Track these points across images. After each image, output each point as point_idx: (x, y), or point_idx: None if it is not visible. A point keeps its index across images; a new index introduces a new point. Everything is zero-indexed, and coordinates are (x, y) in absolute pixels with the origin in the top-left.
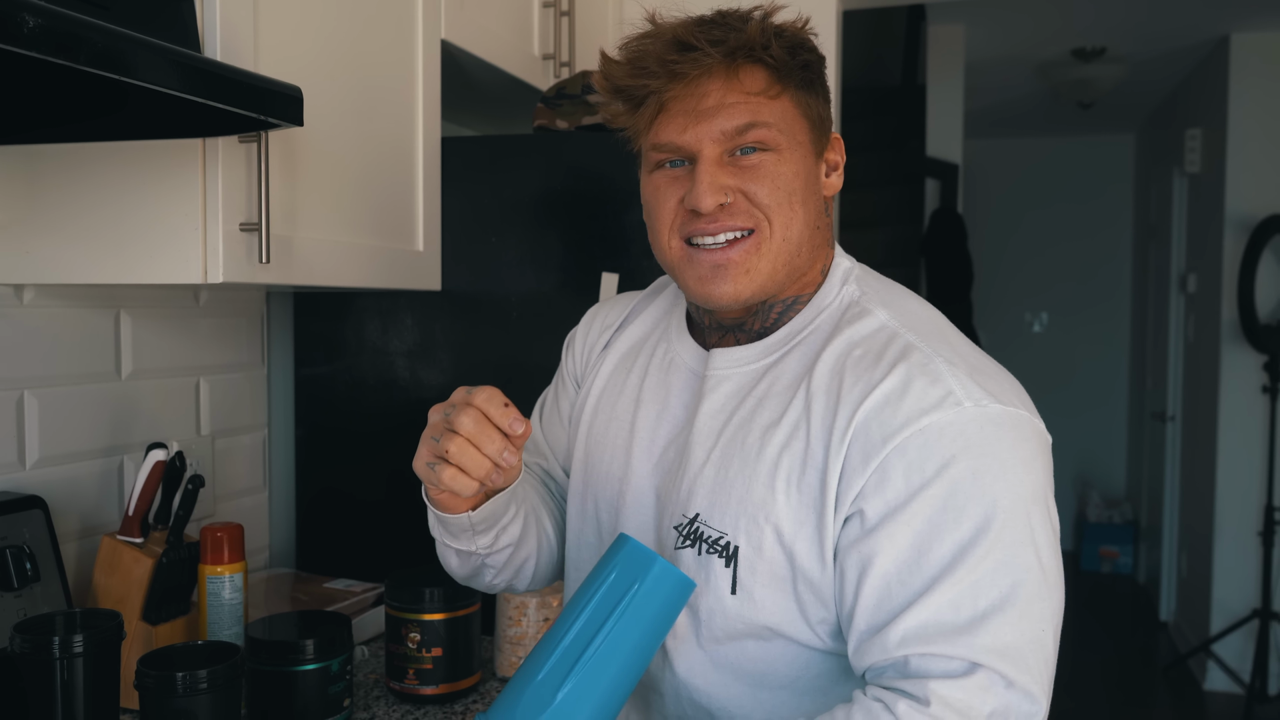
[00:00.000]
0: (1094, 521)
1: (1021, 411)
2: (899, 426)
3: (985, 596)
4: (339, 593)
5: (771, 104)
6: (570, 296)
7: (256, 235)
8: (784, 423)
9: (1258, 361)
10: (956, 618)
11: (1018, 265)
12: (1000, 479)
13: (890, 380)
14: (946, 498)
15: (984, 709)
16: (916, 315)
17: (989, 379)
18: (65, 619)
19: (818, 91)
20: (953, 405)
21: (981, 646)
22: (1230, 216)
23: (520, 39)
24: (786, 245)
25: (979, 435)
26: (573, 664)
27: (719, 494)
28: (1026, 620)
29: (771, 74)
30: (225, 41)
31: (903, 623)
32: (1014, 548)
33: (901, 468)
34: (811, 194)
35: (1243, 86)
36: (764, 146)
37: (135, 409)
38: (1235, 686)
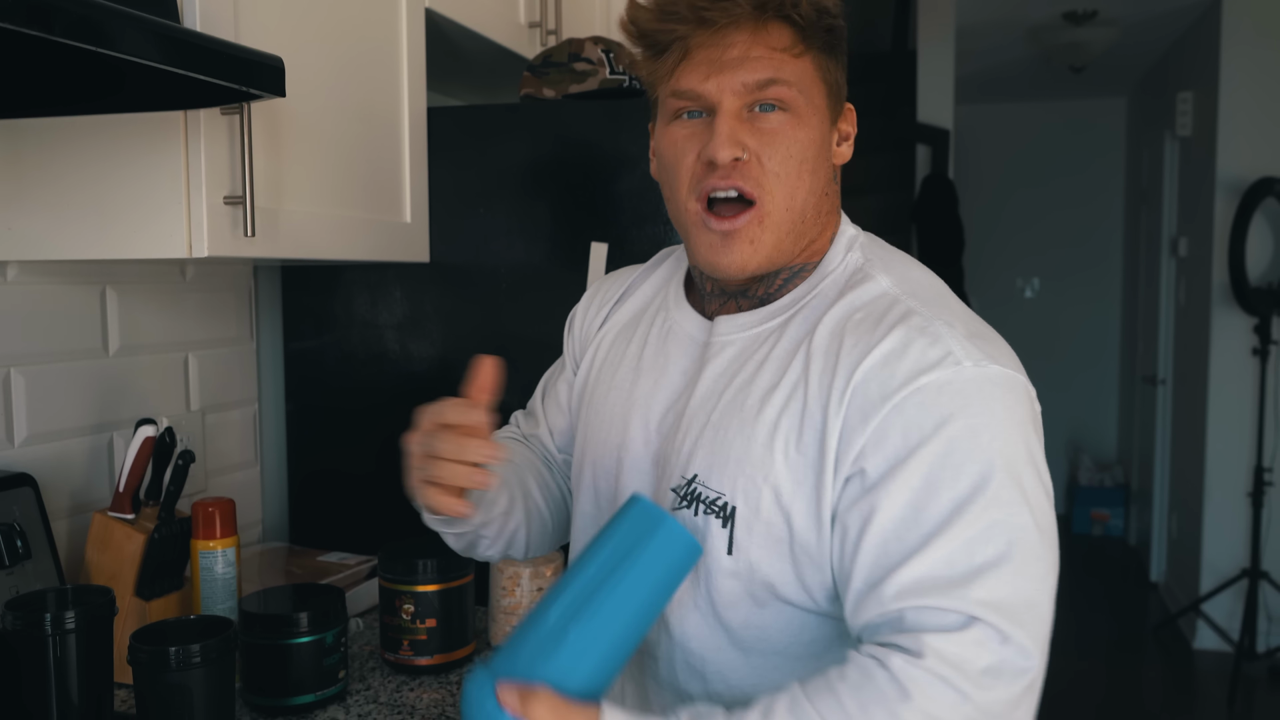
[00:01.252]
0: (1085, 485)
1: (1018, 375)
2: (898, 385)
3: (981, 552)
4: (333, 565)
5: (795, 62)
6: (559, 266)
7: (241, 208)
8: (783, 385)
9: (1248, 324)
10: (951, 572)
11: (1009, 230)
12: (997, 438)
13: (889, 340)
14: (944, 455)
15: (979, 663)
16: (918, 282)
17: (987, 342)
18: (57, 595)
19: (838, 58)
20: (952, 364)
21: (977, 600)
22: (1221, 180)
23: (506, 7)
24: (790, 215)
25: (978, 394)
26: (576, 616)
27: (717, 455)
28: (1022, 578)
29: (797, 32)
30: (205, 11)
31: (898, 577)
32: (1010, 506)
33: (900, 425)
34: (822, 162)
35: (1234, 49)
36: (783, 106)
37: (124, 385)
38: (1224, 645)
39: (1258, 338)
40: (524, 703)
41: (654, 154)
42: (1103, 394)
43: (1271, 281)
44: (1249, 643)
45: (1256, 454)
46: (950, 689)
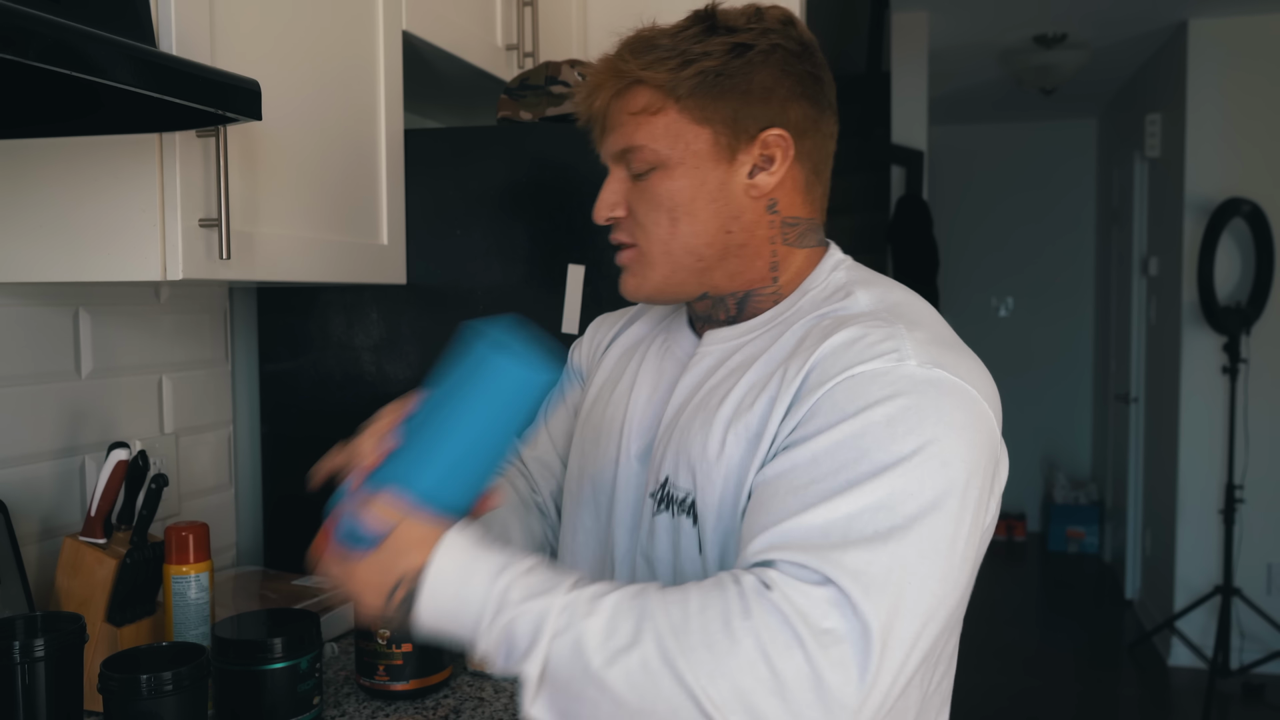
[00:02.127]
0: (1060, 502)
1: (967, 386)
2: (838, 371)
3: (859, 529)
4: (308, 590)
5: (653, 120)
6: (536, 288)
7: (216, 231)
8: (741, 384)
9: (1218, 343)
10: (825, 539)
11: (983, 250)
12: (914, 430)
13: (845, 333)
14: (856, 435)
15: (821, 622)
16: (898, 300)
17: (949, 352)
18: (26, 622)
19: (724, 89)
20: (894, 359)
21: (839, 563)
22: (1190, 200)
23: (483, 29)
24: (669, 256)
25: (911, 390)
26: (423, 423)
27: (681, 454)
28: (900, 568)
29: (655, 91)
30: (181, 35)
31: (772, 533)
32: (905, 497)
33: (827, 406)
34: (713, 201)
35: (1201, 72)
36: (649, 166)
37: (96, 408)
38: (1199, 662)
39: (1227, 356)
40: (373, 495)
41: None
42: (1076, 411)
43: (1240, 300)
44: (1223, 659)
45: (1228, 471)
46: (788, 628)
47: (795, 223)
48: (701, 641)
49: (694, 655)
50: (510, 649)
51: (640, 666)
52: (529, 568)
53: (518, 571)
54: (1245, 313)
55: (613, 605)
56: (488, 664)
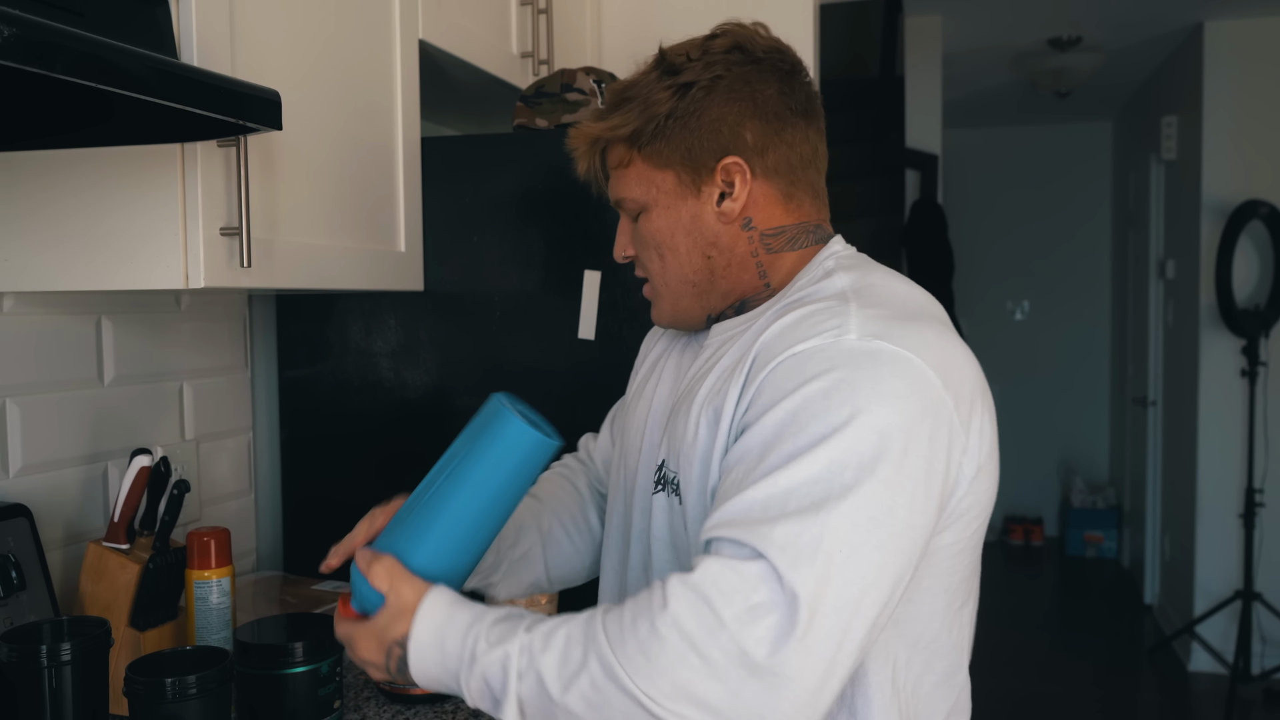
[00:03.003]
0: (1078, 507)
1: (910, 355)
2: (780, 350)
3: (795, 502)
4: (327, 594)
5: (625, 173)
6: (553, 295)
7: (237, 239)
8: (719, 367)
9: (1236, 346)
10: (764, 514)
11: (999, 254)
12: (847, 402)
13: (794, 314)
14: (795, 410)
15: (748, 598)
16: (876, 285)
17: (900, 325)
18: (52, 627)
19: (673, 131)
20: (832, 336)
21: (768, 537)
22: (1207, 202)
23: (498, 38)
24: (670, 288)
25: (846, 363)
26: (418, 499)
27: (672, 437)
28: (829, 533)
29: (622, 145)
30: (202, 46)
31: (719, 512)
32: (838, 468)
33: (770, 386)
34: (690, 233)
35: (1216, 74)
36: (637, 209)
37: (118, 415)
38: (1219, 667)
39: (1245, 359)
40: (369, 565)
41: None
42: (1094, 415)
43: (1258, 303)
44: (1244, 665)
45: (1247, 475)
46: (707, 609)
47: (778, 231)
48: (636, 648)
49: (631, 662)
50: (491, 696)
51: (590, 686)
52: (496, 619)
53: (485, 624)
54: (1264, 315)
55: (564, 636)
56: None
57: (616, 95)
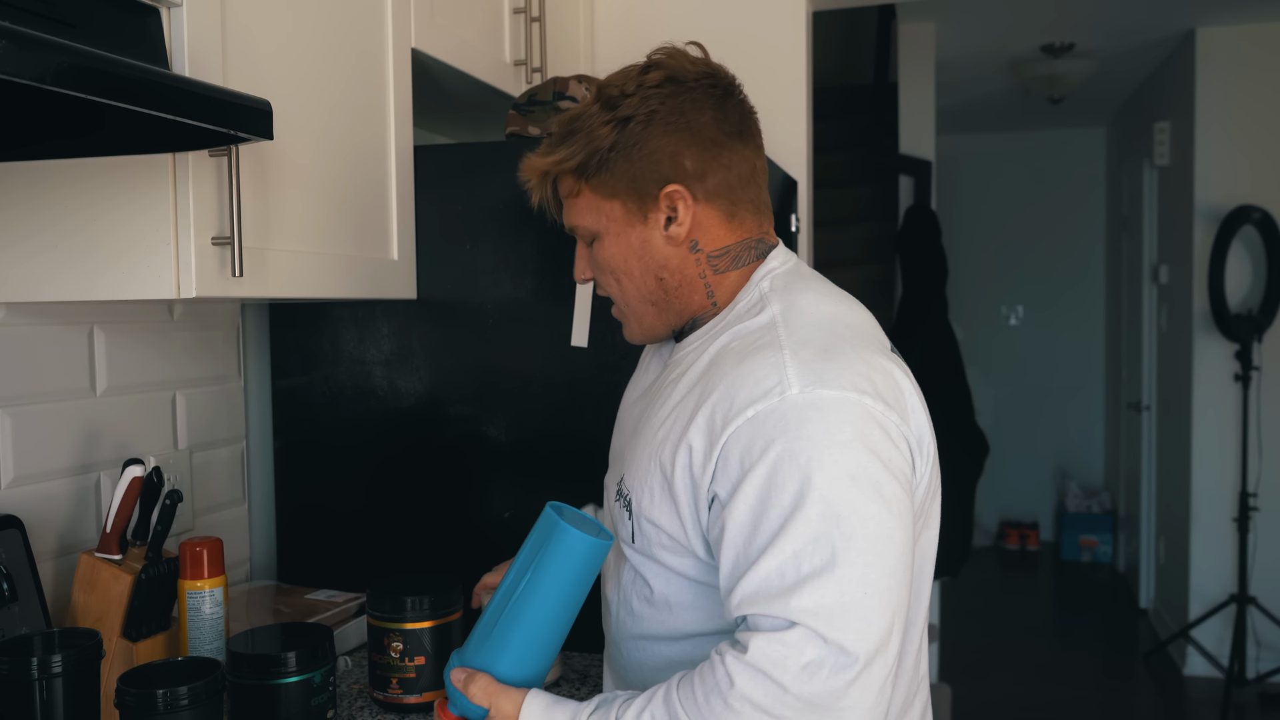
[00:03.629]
0: (1073, 511)
1: (849, 394)
2: (734, 415)
3: (806, 564)
4: (321, 604)
5: (576, 202)
6: (546, 303)
7: (229, 249)
8: (669, 403)
9: (1229, 350)
10: (781, 583)
11: (992, 259)
12: (814, 458)
13: (737, 371)
14: (770, 475)
15: (799, 660)
16: (803, 309)
17: (833, 365)
18: (44, 639)
19: (617, 163)
20: (778, 394)
21: (799, 607)
22: (1200, 208)
23: (491, 46)
24: (632, 309)
25: (797, 419)
26: (499, 613)
27: (631, 459)
28: (845, 584)
29: (570, 177)
30: (193, 56)
31: (740, 587)
32: (831, 521)
33: (736, 452)
34: (641, 258)
35: (1209, 80)
36: (590, 236)
37: (111, 425)
38: (1214, 671)
39: (1239, 364)
40: (465, 684)
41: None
42: (1088, 420)
43: (1251, 308)
44: (1239, 668)
45: (1241, 479)
46: (769, 680)
47: (723, 252)
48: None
49: None
50: None
51: None
52: (591, 710)
53: (582, 716)
54: (1257, 320)
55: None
56: None
57: (563, 127)
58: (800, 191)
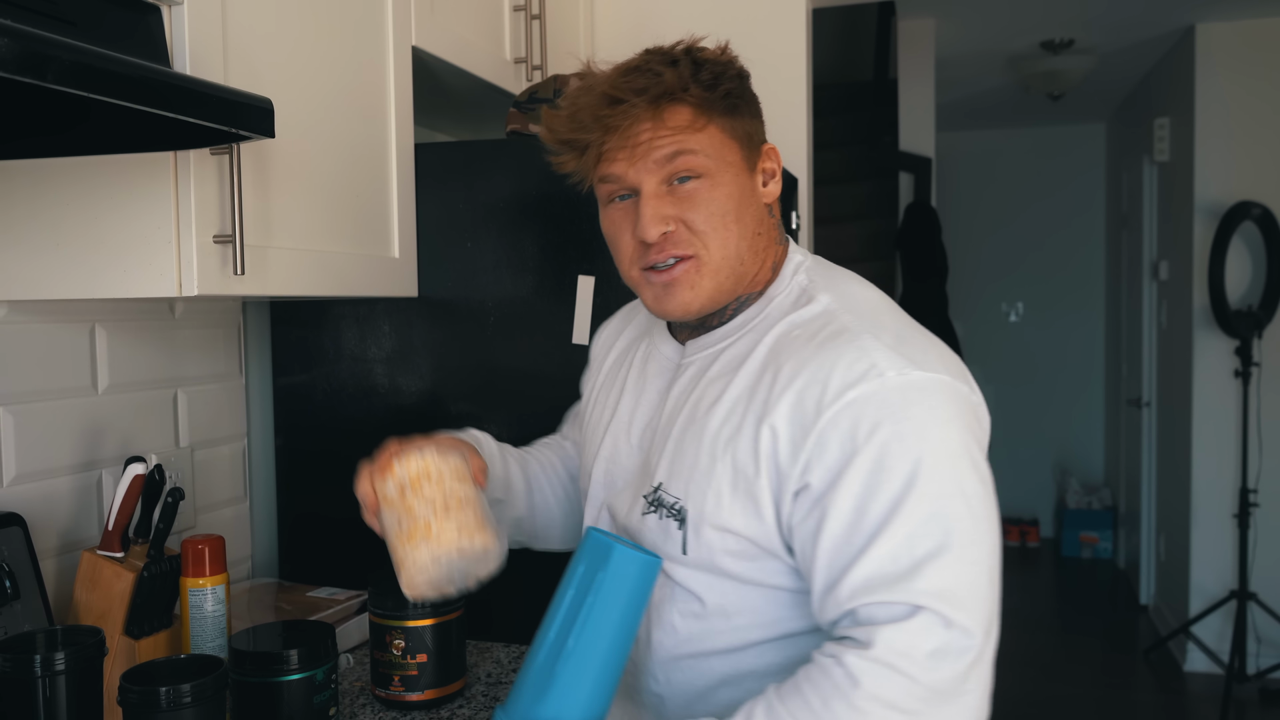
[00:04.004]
0: (1073, 508)
1: (942, 376)
2: (830, 400)
3: (921, 545)
4: (322, 601)
5: (697, 135)
6: (547, 300)
7: (230, 247)
8: (726, 397)
9: (1229, 346)
10: (896, 567)
11: (992, 256)
12: (922, 438)
13: (820, 357)
14: (877, 459)
15: (925, 647)
16: (855, 297)
17: (913, 348)
18: (46, 637)
19: (744, 111)
20: (876, 376)
21: (920, 590)
22: (1200, 204)
23: (491, 43)
24: (726, 262)
25: (901, 400)
26: (560, 655)
27: (676, 463)
28: (962, 564)
29: (694, 109)
30: (194, 54)
31: (850, 578)
32: (942, 500)
33: (836, 438)
34: (748, 207)
35: (1209, 76)
36: (695, 173)
37: (113, 423)
38: (1215, 667)
39: (1239, 360)
40: None
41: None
42: (1088, 416)
43: (1251, 304)
44: (1239, 664)
45: (1241, 475)
46: (898, 674)
47: (778, 226)
48: None
49: None
50: None
51: None
52: None
53: None
54: (1257, 316)
55: None
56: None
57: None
58: (801, 188)
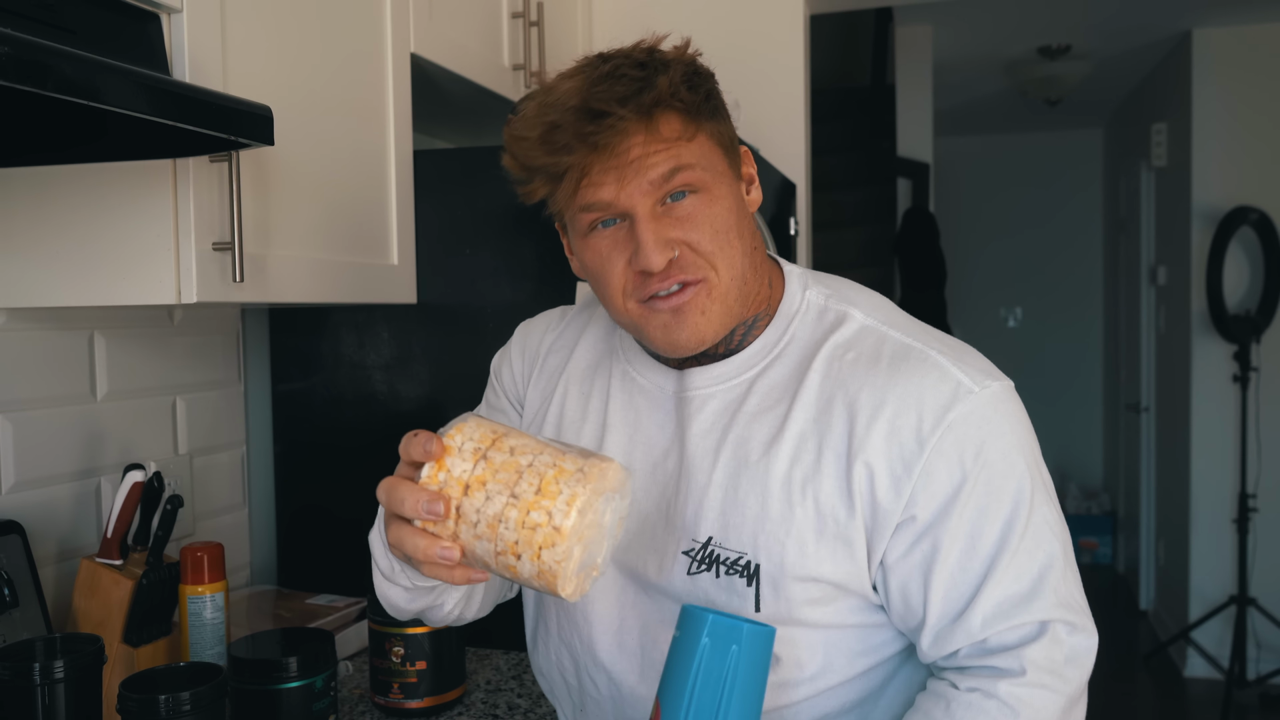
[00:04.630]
0: (1073, 513)
1: (1008, 382)
2: (930, 428)
3: (1037, 560)
4: (321, 609)
5: (689, 146)
6: (546, 306)
7: (229, 254)
8: (786, 435)
9: (1228, 351)
10: (1020, 588)
11: (991, 261)
12: (1019, 451)
13: (900, 382)
14: (988, 482)
15: (1061, 658)
16: (880, 307)
17: (971, 357)
18: (45, 644)
19: (722, 114)
20: (966, 394)
21: (1047, 606)
22: (1197, 209)
23: (490, 50)
24: (734, 283)
25: (996, 415)
26: None
27: (732, 514)
28: (1068, 568)
29: (684, 116)
30: (194, 62)
31: (979, 606)
32: (1043, 508)
33: (943, 466)
34: (744, 220)
35: (1205, 81)
36: (692, 189)
37: (111, 430)
38: (1215, 672)
39: (1237, 364)
40: None
41: (571, 254)
42: (1087, 422)
43: (1249, 309)
44: (1239, 670)
45: (1240, 480)
46: (1048, 692)
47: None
48: None
49: None
50: None
51: None
52: None
53: None
54: (1255, 321)
55: None
56: None
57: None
58: (799, 194)
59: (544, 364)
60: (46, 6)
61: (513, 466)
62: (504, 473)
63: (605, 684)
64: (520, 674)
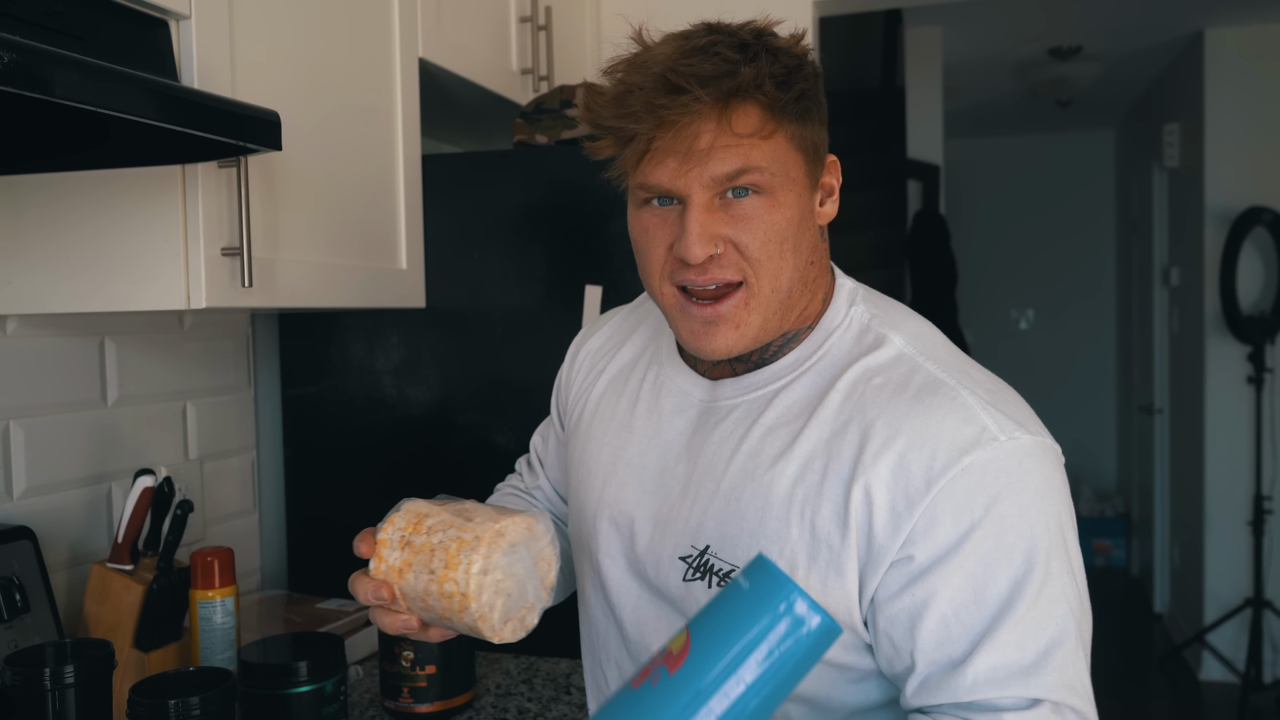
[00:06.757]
0: (1086, 515)
1: (1046, 439)
2: (941, 469)
3: (1045, 633)
4: (332, 613)
5: (764, 144)
6: (555, 310)
7: (239, 259)
8: (796, 453)
9: (1242, 352)
10: (1023, 657)
11: (1002, 264)
12: (1041, 512)
13: (921, 416)
14: (997, 536)
15: None
16: (927, 339)
17: (1008, 404)
18: (56, 650)
19: (813, 118)
20: (989, 441)
21: (1048, 684)
22: (1210, 210)
23: (498, 55)
24: (776, 295)
25: (1018, 469)
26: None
27: (731, 525)
28: (1079, 649)
29: (765, 111)
30: (202, 68)
31: (973, 666)
32: (1061, 578)
33: (949, 510)
34: (805, 233)
35: (1218, 81)
36: (756, 189)
37: (122, 435)
38: (1230, 675)
39: (1252, 366)
40: None
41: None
42: (1101, 424)
43: (1263, 310)
44: (1255, 673)
45: (1255, 482)
46: None
47: (827, 252)
48: None
49: None
50: None
51: None
52: None
53: None
54: (1269, 322)
55: None
56: None
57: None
58: None
59: (588, 369)
60: (55, 14)
61: (428, 547)
62: (422, 554)
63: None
64: (530, 678)
